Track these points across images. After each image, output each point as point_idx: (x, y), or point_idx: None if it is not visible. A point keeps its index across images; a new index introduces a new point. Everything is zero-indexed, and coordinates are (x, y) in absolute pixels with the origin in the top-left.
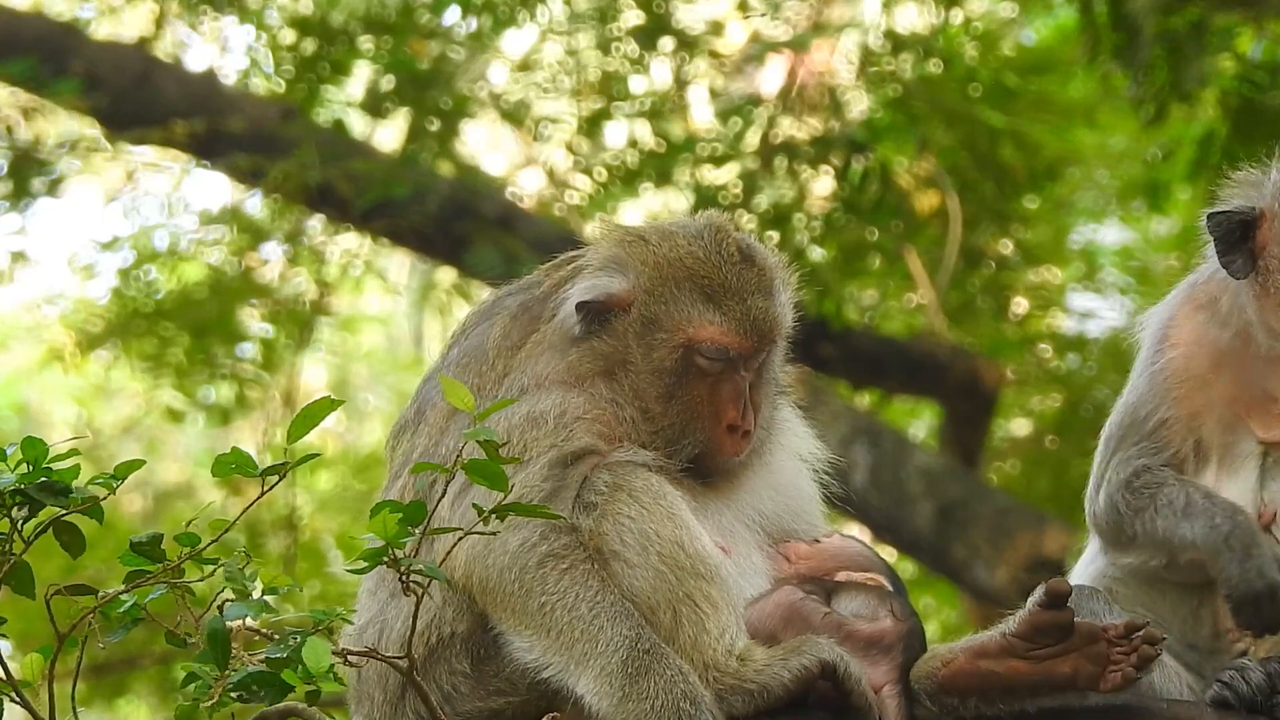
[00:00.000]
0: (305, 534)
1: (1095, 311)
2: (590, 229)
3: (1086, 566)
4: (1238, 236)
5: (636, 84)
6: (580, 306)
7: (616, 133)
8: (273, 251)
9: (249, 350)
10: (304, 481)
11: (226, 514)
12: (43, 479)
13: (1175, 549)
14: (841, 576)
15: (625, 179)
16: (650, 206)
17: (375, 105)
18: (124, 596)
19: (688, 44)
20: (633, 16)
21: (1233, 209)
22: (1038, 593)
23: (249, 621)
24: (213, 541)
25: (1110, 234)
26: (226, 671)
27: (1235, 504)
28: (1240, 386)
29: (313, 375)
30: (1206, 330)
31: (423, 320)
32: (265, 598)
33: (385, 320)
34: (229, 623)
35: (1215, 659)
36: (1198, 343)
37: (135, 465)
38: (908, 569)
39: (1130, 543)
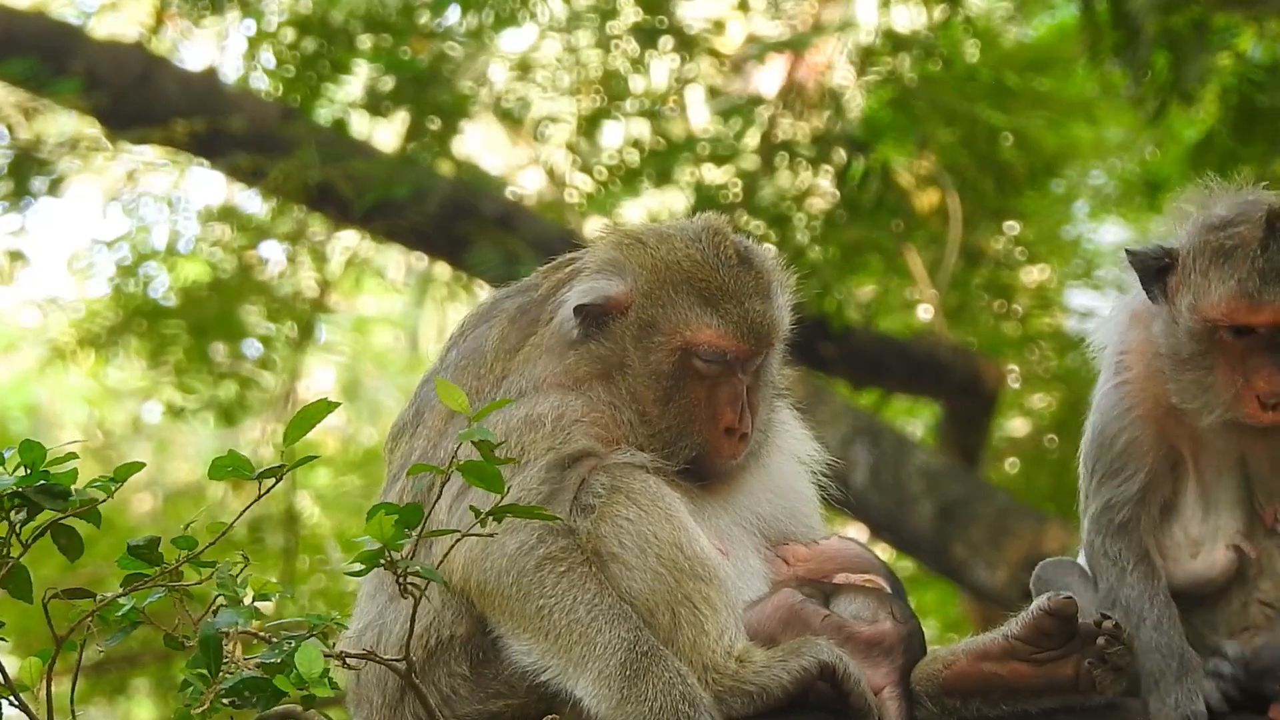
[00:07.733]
0: (306, 529)
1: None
2: (590, 229)
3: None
4: (1154, 273)
5: (637, 83)
6: (578, 310)
7: (617, 132)
8: (273, 251)
9: (255, 349)
10: (305, 480)
11: (231, 511)
12: (40, 482)
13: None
14: (840, 578)
15: (625, 178)
16: (651, 206)
17: (375, 105)
18: (122, 600)
19: (688, 43)
20: (632, 15)
21: (1149, 252)
22: (1042, 598)
23: (242, 627)
24: (211, 544)
25: (1110, 233)
26: (219, 677)
27: (1178, 643)
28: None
29: (323, 375)
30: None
31: (419, 320)
32: (256, 604)
33: (397, 321)
34: (219, 629)
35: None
36: (1152, 358)
37: (134, 468)
38: (907, 568)
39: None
